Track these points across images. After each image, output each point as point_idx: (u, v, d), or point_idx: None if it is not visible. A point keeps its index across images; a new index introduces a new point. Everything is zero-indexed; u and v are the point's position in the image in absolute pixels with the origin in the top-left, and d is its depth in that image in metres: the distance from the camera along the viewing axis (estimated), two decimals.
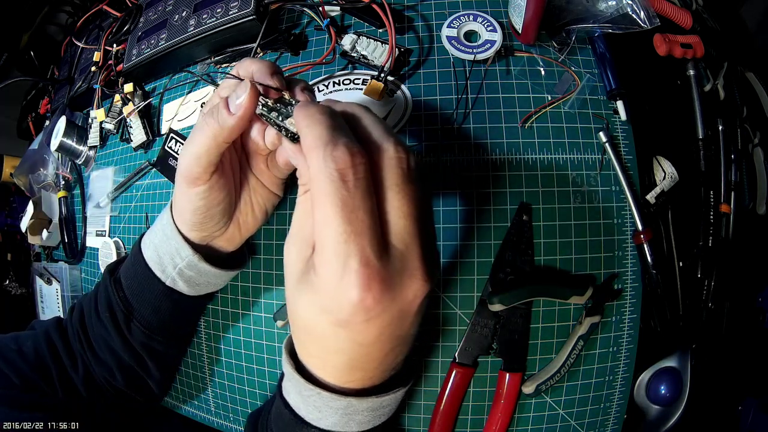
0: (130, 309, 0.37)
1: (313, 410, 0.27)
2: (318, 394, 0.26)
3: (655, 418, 0.39)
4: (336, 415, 0.27)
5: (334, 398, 0.26)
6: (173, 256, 0.35)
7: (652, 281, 0.38)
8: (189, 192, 0.31)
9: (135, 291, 0.36)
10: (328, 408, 0.27)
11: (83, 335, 0.39)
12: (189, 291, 0.37)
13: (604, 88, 0.41)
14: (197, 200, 0.32)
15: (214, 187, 0.31)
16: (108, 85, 0.56)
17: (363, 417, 0.28)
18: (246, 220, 0.36)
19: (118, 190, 0.54)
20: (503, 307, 0.36)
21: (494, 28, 0.41)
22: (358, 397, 0.26)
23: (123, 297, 0.37)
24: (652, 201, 0.40)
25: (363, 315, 0.21)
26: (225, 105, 0.28)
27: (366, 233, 0.21)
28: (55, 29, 0.80)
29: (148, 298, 0.36)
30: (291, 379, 0.28)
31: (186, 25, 0.47)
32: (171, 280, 0.35)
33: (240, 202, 0.35)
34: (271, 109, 0.27)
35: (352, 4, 0.43)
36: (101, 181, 0.57)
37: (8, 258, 0.78)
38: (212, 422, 0.47)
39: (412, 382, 0.31)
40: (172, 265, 0.35)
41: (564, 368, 0.37)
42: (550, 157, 0.39)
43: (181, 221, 0.34)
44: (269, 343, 0.42)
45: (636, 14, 0.38)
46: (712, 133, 0.43)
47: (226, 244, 0.36)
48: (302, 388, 0.27)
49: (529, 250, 0.38)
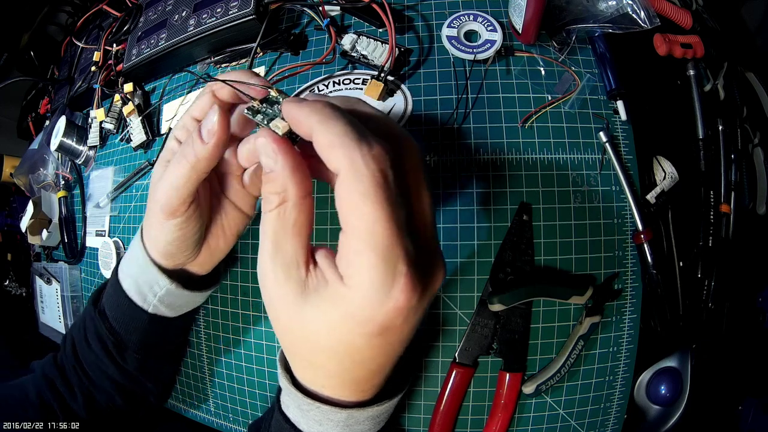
0: (119, 339, 0.37)
1: (313, 424, 0.26)
2: (318, 407, 0.26)
3: (655, 418, 0.38)
4: (337, 427, 0.26)
5: (334, 411, 0.25)
6: (152, 285, 0.34)
7: (653, 281, 0.38)
8: (166, 224, 0.30)
9: (121, 321, 0.36)
10: (328, 421, 0.26)
11: (79, 367, 0.39)
12: (172, 314, 0.37)
13: (604, 88, 0.41)
14: (175, 231, 0.31)
15: (191, 218, 0.30)
16: (108, 85, 0.56)
17: (364, 426, 0.27)
18: (218, 244, 0.34)
19: (118, 190, 0.54)
20: (503, 307, 0.36)
21: (494, 27, 0.41)
22: (358, 408, 0.26)
23: (110, 328, 0.36)
24: (652, 201, 0.40)
25: (403, 317, 0.21)
26: (198, 134, 0.27)
27: (408, 233, 0.20)
28: (55, 29, 0.80)
29: (135, 326, 0.36)
30: (289, 393, 0.27)
31: (186, 25, 0.47)
32: (153, 308, 0.35)
33: (212, 227, 0.33)
34: (256, 112, 0.25)
35: (352, 3, 0.43)
36: (101, 181, 0.57)
37: (8, 258, 0.78)
38: (212, 423, 0.47)
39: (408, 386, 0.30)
40: (152, 293, 0.34)
41: (564, 368, 0.37)
42: (550, 157, 0.39)
43: (154, 250, 0.33)
44: (269, 344, 0.42)
45: (636, 14, 0.38)
46: (712, 133, 0.43)
47: (198, 269, 0.36)
48: (301, 402, 0.26)
49: (529, 250, 0.38)
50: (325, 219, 0.40)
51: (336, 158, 0.20)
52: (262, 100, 0.25)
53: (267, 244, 0.23)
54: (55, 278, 0.60)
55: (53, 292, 0.60)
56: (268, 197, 0.23)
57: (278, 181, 0.22)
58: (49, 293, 0.61)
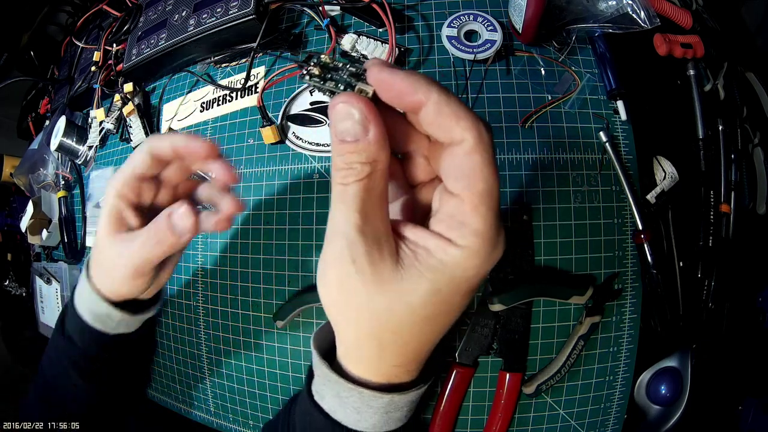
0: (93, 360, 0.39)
1: (351, 412, 0.26)
2: (360, 393, 0.25)
3: (655, 418, 0.38)
4: (377, 414, 0.26)
5: (375, 396, 0.25)
6: (108, 316, 0.36)
7: (653, 281, 0.38)
8: (130, 282, 0.33)
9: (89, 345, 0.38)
10: (368, 408, 0.25)
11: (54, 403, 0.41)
12: (132, 329, 0.39)
13: (605, 88, 0.41)
14: (139, 285, 0.34)
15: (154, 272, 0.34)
16: (108, 85, 0.56)
17: (401, 413, 0.27)
18: (164, 277, 0.37)
19: None
20: (503, 307, 0.36)
21: (494, 27, 0.41)
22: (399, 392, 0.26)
23: (82, 354, 0.38)
24: (652, 201, 0.40)
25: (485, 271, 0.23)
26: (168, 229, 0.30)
27: None
28: (55, 29, 0.80)
29: (104, 346, 0.38)
30: (327, 381, 0.26)
31: (186, 25, 0.47)
32: (114, 330, 0.37)
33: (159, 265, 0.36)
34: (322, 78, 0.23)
35: (352, 3, 0.43)
36: (101, 180, 0.57)
37: (8, 258, 0.78)
38: (212, 423, 0.47)
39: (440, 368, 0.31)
40: (110, 320, 0.37)
41: (564, 368, 0.37)
42: (550, 157, 0.39)
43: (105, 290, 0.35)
44: (269, 344, 0.42)
45: (636, 14, 0.38)
46: (712, 133, 0.43)
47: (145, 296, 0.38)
48: (341, 389, 0.25)
49: (529, 250, 0.38)
50: None
51: (462, 127, 0.21)
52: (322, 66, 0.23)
53: (353, 219, 0.22)
54: (55, 278, 0.60)
55: (53, 292, 0.60)
56: (354, 167, 0.21)
57: (370, 149, 0.21)
58: (49, 293, 0.61)
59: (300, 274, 0.42)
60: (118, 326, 0.37)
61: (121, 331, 0.38)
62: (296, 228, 0.42)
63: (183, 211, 0.29)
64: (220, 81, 0.49)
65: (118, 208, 0.32)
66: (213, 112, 0.48)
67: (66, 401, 0.40)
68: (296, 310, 0.40)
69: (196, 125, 0.49)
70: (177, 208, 0.30)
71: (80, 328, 0.37)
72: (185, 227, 0.30)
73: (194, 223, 0.29)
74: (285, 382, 0.42)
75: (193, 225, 0.30)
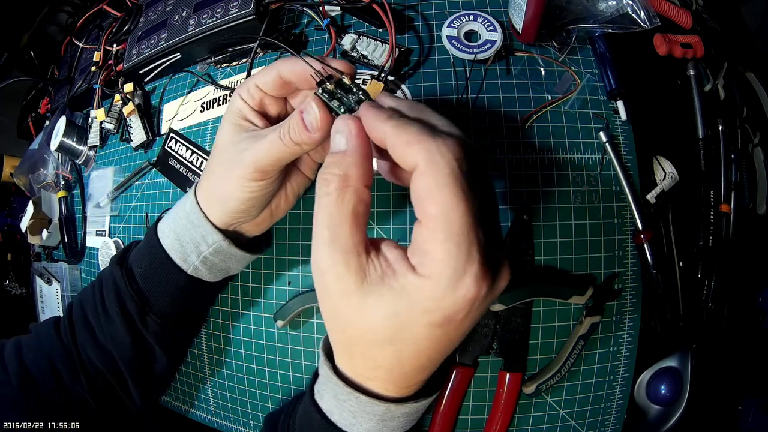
0: (145, 301, 0.35)
1: (347, 415, 0.26)
2: (357, 398, 0.25)
3: (655, 418, 0.39)
4: (372, 421, 0.26)
5: (372, 403, 0.25)
6: (198, 243, 0.34)
7: (653, 281, 0.38)
8: (249, 184, 0.30)
9: (152, 282, 0.35)
10: (364, 413, 0.26)
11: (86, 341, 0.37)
12: (211, 278, 0.36)
13: (605, 88, 0.41)
14: (255, 191, 0.31)
15: (275, 180, 0.31)
16: (108, 85, 0.56)
17: (398, 423, 0.27)
18: (279, 204, 0.35)
19: (118, 190, 0.54)
20: (503, 307, 0.36)
21: (494, 28, 0.41)
22: (397, 403, 0.26)
23: (137, 289, 0.35)
24: (652, 201, 0.40)
25: (468, 309, 0.21)
26: (302, 122, 0.27)
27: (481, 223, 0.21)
28: (55, 29, 0.80)
29: (166, 289, 0.35)
30: (328, 382, 0.27)
31: (186, 25, 0.47)
32: (193, 269, 0.35)
33: (278, 189, 0.34)
34: (332, 96, 0.27)
35: (352, 3, 0.43)
36: (101, 181, 0.57)
37: (8, 258, 0.78)
38: (212, 423, 0.47)
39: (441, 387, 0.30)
40: (196, 253, 0.34)
41: (564, 368, 0.37)
42: (550, 157, 0.39)
43: (214, 208, 0.33)
44: (269, 344, 0.42)
45: (636, 14, 0.38)
46: (712, 133, 0.43)
47: (254, 228, 0.36)
48: (339, 391, 0.26)
49: (529, 250, 0.38)
50: None
51: (413, 152, 0.21)
52: (337, 83, 0.27)
53: (323, 231, 0.23)
54: (55, 278, 0.60)
55: (53, 292, 0.60)
56: (327, 177, 0.23)
57: (345, 161, 0.23)
58: (49, 293, 0.61)
59: (300, 274, 0.42)
60: (201, 264, 0.34)
61: (200, 274, 0.35)
62: (296, 228, 0.42)
63: (315, 105, 0.27)
64: (220, 81, 0.49)
65: (243, 111, 0.31)
66: (213, 112, 0.48)
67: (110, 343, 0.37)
68: (297, 310, 0.40)
69: (196, 125, 0.49)
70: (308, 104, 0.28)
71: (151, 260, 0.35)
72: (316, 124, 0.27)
73: (325, 119, 0.27)
74: (285, 381, 0.42)
75: (324, 120, 0.27)
